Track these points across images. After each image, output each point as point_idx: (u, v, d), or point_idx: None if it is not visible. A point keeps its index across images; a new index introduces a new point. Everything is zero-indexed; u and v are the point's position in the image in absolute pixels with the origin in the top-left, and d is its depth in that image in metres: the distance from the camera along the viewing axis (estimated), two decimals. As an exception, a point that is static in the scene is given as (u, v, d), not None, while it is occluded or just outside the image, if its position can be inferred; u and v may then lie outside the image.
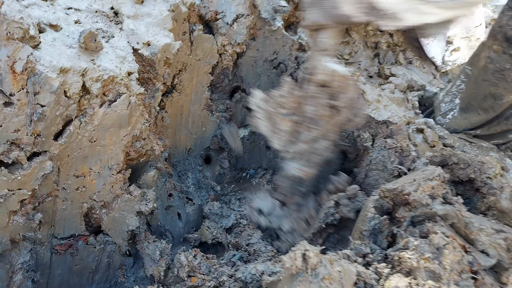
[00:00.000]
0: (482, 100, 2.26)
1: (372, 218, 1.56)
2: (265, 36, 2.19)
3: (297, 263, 1.14)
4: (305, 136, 1.76)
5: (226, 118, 2.22)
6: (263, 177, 2.35)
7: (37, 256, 1.56)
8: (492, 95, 2.20)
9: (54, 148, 1.39)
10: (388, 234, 1.57)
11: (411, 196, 1.50)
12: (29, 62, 1.23)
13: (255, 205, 1.97)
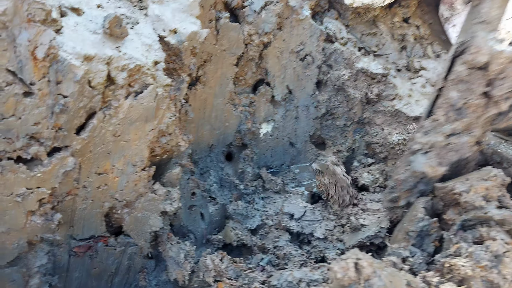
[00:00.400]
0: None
1: (422, 219, 1.44)
2: (292, 25, 2.06)
3: (350, 274, 1.02)
4: (444, 127, 1.47)
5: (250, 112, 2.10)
6: (287, 175, 2.24)
7: (54, 259, 1.46)
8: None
9: (76, 143, 1.27)
10: (436, 238, 1.45)
11: (462, 197, 1.38)
12: (52, 48, 1.11)
13: (285, 209, 1.86)
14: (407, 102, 2.22)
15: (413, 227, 1.44)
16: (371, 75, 2.20)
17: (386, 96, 2.21)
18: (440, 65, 2.57)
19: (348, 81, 2.19)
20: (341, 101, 2.25)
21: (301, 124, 2.29)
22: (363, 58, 2.26)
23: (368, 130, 2.14)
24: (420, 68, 2.48)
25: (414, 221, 1.45)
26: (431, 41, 2.83)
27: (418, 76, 2.42)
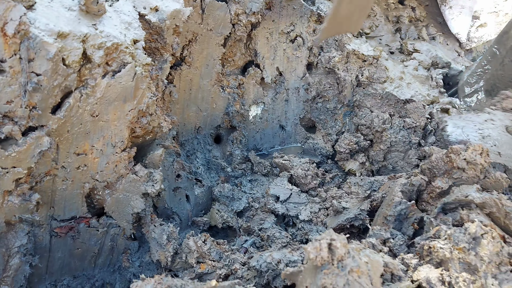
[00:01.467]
0: (509, 82, 2.10)
1: (399, 203, 1.43)
2: (282, 5, 2.02)
3: (323, 254, 1.01)
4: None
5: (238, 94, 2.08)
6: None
7: (35, 239, 1.45)
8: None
9: (52, 123, 1.26)
10: (414, 221, 1.44)
11: (461, 156, 1.37)
12: (22, 24, 1.08)
13: (271, 192, 1.85)
14: (398, 85, 2.19)
15: (391, 211, 1.43)
16: (362, 57, 2.16)
17: (377, 78, 2.17)
18: (434, 48, 2.53)
19: (339, 63, 2.16)
20: (332, 83, 2.22)
21: (291, 107, 2.27)
22: (355, 40, 2.22)
23: (357, 112, 2.11)
24: (413, 50, 2.44)
25: (391, 205, 1.43)
26: (426, 23, 2.78)
27: (411, 59, 2.38)
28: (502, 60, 2.10)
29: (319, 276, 1.01)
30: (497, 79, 2.16)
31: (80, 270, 1.62)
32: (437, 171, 1.49)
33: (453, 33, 2.84)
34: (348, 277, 1.02)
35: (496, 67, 2.15)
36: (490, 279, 1.16)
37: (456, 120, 1.82)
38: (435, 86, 2.30)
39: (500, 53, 2.13)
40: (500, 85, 2.15)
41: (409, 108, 2.05)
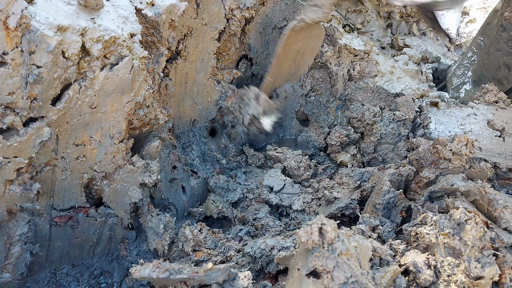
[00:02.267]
0: (495, 71, 2.16)
1: (387, 192, 1.49)
2: (275, 1, 2.07)
3: (314, 238, 1.06)
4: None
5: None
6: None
7: (35, 228, 1.49)
8: (506, 65, 2.09)
9: (52, 114, 1.30)
10: (403, 209, 1.50)
11: (447, 147, 1.43)
12: (24, 17, 1.12)
13: (265, 183, 1.90)
14: (389, 79, 2.24)
15: (380, 199, 1.49)
16: (353, 52, 2.21)
17: (368, 73, 2.22)
18: (424, 43, 2.59)
19: (331, 58, 2.21)
20: (324, 77, 2.27)
21: (288, 102, 2.31)
22: (346, 35, 2.27)
23: (349, 106, 2.16)
24: (404, 45, 2.50)
25: (380, 194, 1.49)
26: (417, 18, 2.83)
27: (402, 54, 2.44)
28: (487, 50, 2.16)
29: (310, 258, 1.06)
30: (483, 69, 2.22)
31: (79, 259, 1.67)
32: (424, 161, 1.55)
33: (443, 29, 2.90)
34: (338, 260, 1.07)
35: (482, 57, 2.21)
36: (474, 262, 1.22)
37: (440, 116, 1.88)
38: (424, 80, 2.36)
39: (485, 44, 2.19)
40: (487, 74, 2.21)
41: (399, 102, 2.10)
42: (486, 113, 1.94)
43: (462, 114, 1.88)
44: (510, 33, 1.97)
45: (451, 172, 1.52)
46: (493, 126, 1.86)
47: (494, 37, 2.09)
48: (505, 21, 1.98)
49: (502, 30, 2.01)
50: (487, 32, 2.16)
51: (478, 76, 2.22)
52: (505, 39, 2.01)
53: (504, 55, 2.05)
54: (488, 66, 2.16)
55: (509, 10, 1.95)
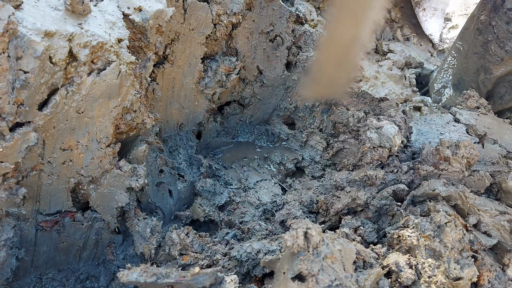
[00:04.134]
0: (474, 74, 2.22)
1: (385, 198, 1.52)
2: (262, 6, 2.09)
3: (299, 242, 1.08)
4: None
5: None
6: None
7: (21, 233, 1.48)
8: (483, 68, 2.15)
9: (39, 119, 1.29)
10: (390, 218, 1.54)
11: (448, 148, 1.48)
12: (11, 23, 1.12)
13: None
14: (373, 84, 2.28)
15: (376, 201, 1.52)
16: (339, 57, 2.24)
17: (353, 78, 2.26)
18: (408, 48, 2.64)
19: (316, 63, 2.24)
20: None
21: (272, 105, 2.34)
22: (332, 40, 2.30)
23: (334, 110, 2.20)
24: (388, 51, 2.54)
25: (378, 197, 1.52)
26: (401, 24, 2.89)
27: (386, 59, 2.49)
28: (466, 54, 2.22)
29: (296, 262, 1.08)
30: (463, 72, 2.29)
31: (65, 264, 1.66)
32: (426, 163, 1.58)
33: (427, 34, 2.96)
34: (323, 263, 1.10)
35: (461, 61, 2.28)
36: (453, 263, 1.26)
37: (421, 125, 1.92)
38: (408, 85, 2.41)
39: (464, 48, 2.25)
40: (466, 78, 2.28)
41: (383, 106, 2.14)
42: (469, 118, 1.99)
43: (442, 121, 1.92)
44: (485, 36, 2.04)
45: (450, 177, 1.55)
46: (476, 131, 1.91)
47: (472, 41, 2.16)
48: (481, 25, 2.04)
49: (478, 34, 2.08)
50: (465, 36, 2.22)
51: (457, 79, 2.28)
52: (481, 42, 2.07)
53: (481, 58, 2.11)
54: (467, 70, 2.22)
55: (485, 14, 2.01)
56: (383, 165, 1.66)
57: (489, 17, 2.00)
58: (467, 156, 1.50)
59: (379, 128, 1.66)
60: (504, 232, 1.35)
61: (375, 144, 1.62)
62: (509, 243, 1.34)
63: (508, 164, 1.72)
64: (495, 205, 1.42)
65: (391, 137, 1.60)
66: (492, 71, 2.07)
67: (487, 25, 2.02)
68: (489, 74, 2.09)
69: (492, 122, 1.96)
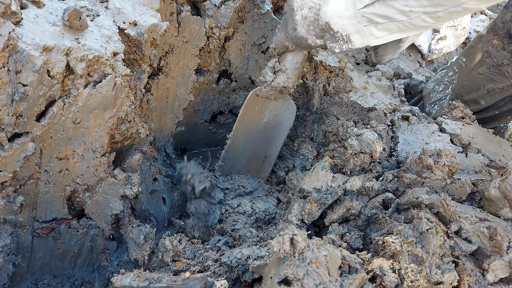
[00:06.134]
0: (474, 92, 2.29)
1: (376, 208, 1.58)
2: (254, 19, 2.16)
3: (285, 247, 1.14)
4: None
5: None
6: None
7: (18, 240, 1.53)
8: (486, 89, 2.22)
9: (37, 129, 1.35)
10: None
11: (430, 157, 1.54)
12: (11, 39, 1.18)
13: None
14: (363, 94, 2.35)
15: (367, 210, 1.57)
16: (329, 68, 2.31)
17: (343, 88, 2.33)
18: (397, 59, 2.71)
19: (307, 74, 2.30)
20: (301, 92, 2.37)
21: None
22: (322, 52, 2.38)
23: (325, 119, 2.26)
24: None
25: (370, 207, 1.57)
26: (391, 36, 2.96)
27: (375, 70, 2.56)
28: (469, 72, 2.29)
29: (282, 267, 1.13)
30: (462, 89, 2.36)
31: (60, 270, 1.70)
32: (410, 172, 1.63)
33: (416, 45, 3.04)
34: (308, 268, 1.15)
35: (462, 77, 2.34)
36: (434, 269, 1.32)
37: (407, 135, 1.98)
38: (397, 95, 2.48)
39: (467, 66, 2.32)
40: (464, 94, 2.34)
41: (372, 116, 2.20)
42: (454, 128, 2.06)
43: (427, 131, 1.99)
44: (494, 60, 2.11)
45: (433, 184, 1.61)
46: (460, 140, 1.97)
47: (478, 61, 2.23)
48: (492, 48, 2.11)
49: (487, 56, 2.15)
50: (470, 54, 2.29)
51: (456, 94, 2.36)
52: (488, 65, 2.15)
53: (485, 79, 2.19)
54: (468, 87, 2.29)
55: (497, 39, 2.09)
56: (366, 171, 1.72)
57: (502, 43, 2.08)
58: (448, 164, 1.57)
59: (359, 135, 1.72)
60: (484, 238, 1.41)
61: (356, 151, 1.68)
62: (488, 248, 1.40)
63: (491, 173, 1.78)
64: (476, 213, 1.48)
65: (370, 143, 1.66)
66: (497, 91, 2.16)
67: (500, 50, 2.10)
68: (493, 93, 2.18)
69: (476, 132, 2.02)
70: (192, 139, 2.38)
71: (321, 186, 1.65)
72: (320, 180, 1.68)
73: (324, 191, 1.62)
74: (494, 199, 1.59)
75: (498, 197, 1.59)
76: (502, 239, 1.37)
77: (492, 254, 1.39)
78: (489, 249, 1.40)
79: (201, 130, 2.36)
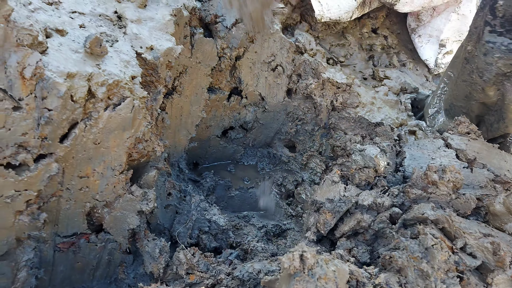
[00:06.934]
0: (463, 100, 2.32)
1: (383, 222, 1.63)
2: (264, 39, 2.24)
3: (295, 264, 1.20)
4: None
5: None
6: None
7: (40, 254, 1.61)
8: (471, 95, 2.24)
9: (60, 150, 1.43)
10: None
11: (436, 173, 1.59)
12: (38, 68, 1.26)
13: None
14: (370, 109, 2.41)
15: (376, 225, 1.62)
16: (336, 84, 2.38)
17: (350, 103, 2.39)
18: (403, 74, 2.77)
19: (315, 90, 2.37)
20: (310, 107, 2.43)
21: (274, 130, 2.47)
22: (330, 69, 2.44)
23: (333, 134, 2.32)
24: (384, 77, 2.67)
25: (378, 221, 1.62)
26: (398, 50, 3.03)
27: (382, 85, 2.61)
28: (455, 81, 2.33)
29: (292, 282, 1.19)
30: (453, 98, 2.39)
31: (79, 282, 1.78)
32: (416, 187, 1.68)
33: (423, 60, 3.09)
34: (317, 283, 1.20)
35: (452, 87, 2.38)
36: (439, 283, 1.36)
37: (413, 150, 2.03)
38: (403, 110, 2.53)
39: (454, 75, 2.36)
40: (456, 103, 2.38)
41: (379, 131, 2.26)
42: (460, 143, 2.10)
43: (433, 147, 2.03)
44: (472, 65, 2.15)
45: (438, 200, 1.65)
46: (466, 156, 2.02)
47: (461, 70, 2.27)
48: (468, 54, 2.15)
49: (466, 63, 2.19)
50: (456, 65, 2.33)
51: (449, 105, 2.39)
52: (468, 71, 2.18)
53: (468, 85, 2.21)
54: (457, 96, 2.32)
55: (471, 44, 2.13)
56: (372, 186, 1.77)
57: (474, 48, 2.12)
58: (453, 180, 1.62)
59: (362, 151, 1.78)
60: (488, 253, 1.45)
61: (360, 165, 1.74)
62: (492, 263, 1.44)
63: (496, 188, 1.82)
64: (480, 228, 1.52)
65: (373, 157, 1.72)
66: (476, 98, 2.18)
67: (473, 55, 2.13)
68: (475, 101, 2.20)
69: (481, 147, 2.06)
70: (204, 154, 2.45)
71: (333, 196, 1.70)
72: (332, 191, 1.73)
73: (337, 200, 1.67)
74: (499, 214, 1.64)
75: (503, 212, 1.63)
76: (505, 254, 1.41)
77: (495, 268, 1.43)
78: (493, 264, 1.44)
79: (213, 145, 2.44)
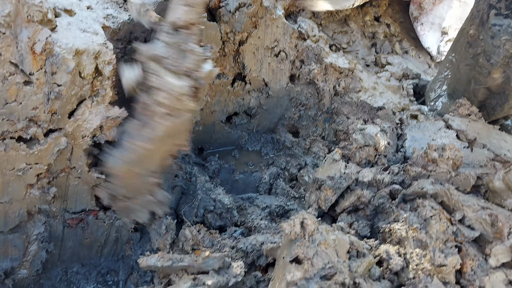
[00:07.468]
0: (466, 84, 2.34)
1: (383, 197, 1.66)
2: (267, 24, 2.27)
3: (296, 230, 1.24)
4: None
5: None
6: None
7: (50, 229, 1.66)
8: (474, 79, 2.26)
9: (69, 126, 1.48)
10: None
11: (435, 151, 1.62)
12: (48, 44, 1.31)
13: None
14: (372, 94, 2.44)
15: (376, 200, 1.66)
16: (339, 69, 2.42)
17: (353, 88, 2.43)
18: (405, 61, 2.80)
19: (318, 75, 2.41)
20: (312, 93, 2.47)
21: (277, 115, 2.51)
22: (332, 54, 2.48)
23: (335, 119, 2.36)
24: (386, 63, 2.70)
25: (378, 197, 1.66)
26: (400, 38, 3.06)
27: (384, 71, 2.65)
28: (458, 66, 2.35)
29: (293, 247, 1.24)
30: (456, 83, 2.41)
31: (87, 259, 1.83)
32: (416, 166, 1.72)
33: (425, 47, 3.12)
34: (317, 248, 1.25)
35: (454, 72, 2.40)
36: (438, 253, 1.40)
37: (415, 132, 2.06)
38: (405, 95, 2.56)
39: (456, 60, 2.38)
40: (459, 88, 2.40)
41: (381, 115, 2.29)
42: (461, 124, 2.13)
43: (434, 128, 2.06)
44: (475, 49, 2.17)
45: (438, 177, 1.69)
46: (466, 136, 2.05)
47: (463, 54, 2.29)
48: (470, 38, 2.17)
49: (468, 47, 2.21)
50: (457, 49, 2.35)
51: (452, 90, 2.42)
52: (471, 55, 2.20)
53: (472, 69, 2.24)
54: (460, 80, 2.35)
55: (473, 28, 2.15)
56: (372, 164, 1.81)
57: (477, 31, 2.14)
58: (452, 157, 1.65)
59: (363, 130, 1.81)
60: (486, 225, 1.48)
61: (361, 144, 1.77)
62: (490, 235, 1.47)
63: (495, 166, 1.85)
64: (478, 201, 1.56)
65: (373, 136, 1.75)
66: (481, 82, 2.20)
67: (476, 39, 2.16)
68: (479, 84, 2.22)
69: (482, 128, 2.09)
70: (209, 139, 2.49)
71: (334, 173, 1.74)
72: (333, 169, 1.77)
73: (338, 177, 1.71)
74: (498, 191, 1.66)
75: (502, 188, 1.66)
76: (503, 225, 1.44)
77: (493, 240, 1.46)
78: (491, 235, 1.47)
79: (217, 131, 2.48)
